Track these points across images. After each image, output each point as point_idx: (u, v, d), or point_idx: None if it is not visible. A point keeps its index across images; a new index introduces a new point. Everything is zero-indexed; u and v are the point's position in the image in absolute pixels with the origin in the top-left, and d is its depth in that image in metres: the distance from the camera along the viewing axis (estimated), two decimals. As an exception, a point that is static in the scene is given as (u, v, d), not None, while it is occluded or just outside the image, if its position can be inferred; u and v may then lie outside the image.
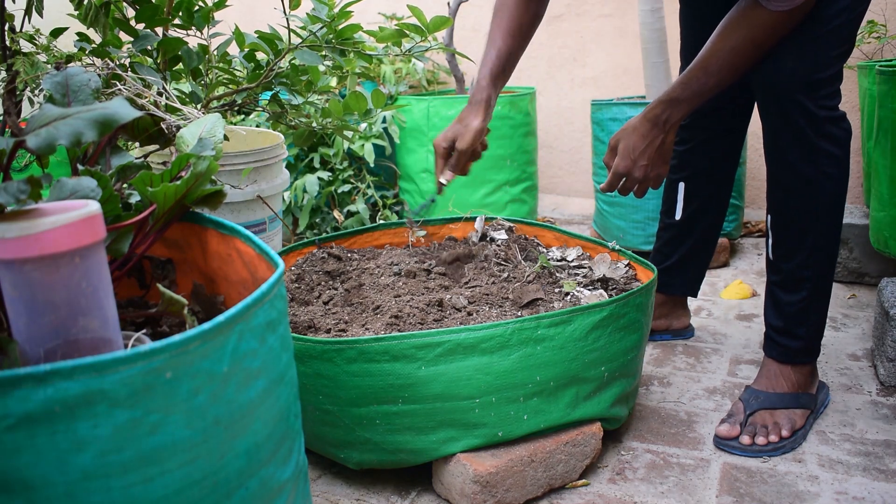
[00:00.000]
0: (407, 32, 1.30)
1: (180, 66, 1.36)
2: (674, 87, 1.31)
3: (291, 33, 1.31)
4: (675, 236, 1.65)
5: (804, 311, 1.33)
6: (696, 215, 1.61)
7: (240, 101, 1.45)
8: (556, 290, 1.33)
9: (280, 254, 1.47)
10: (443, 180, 1.40)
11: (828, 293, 1.34)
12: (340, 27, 1.30)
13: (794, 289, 1.33)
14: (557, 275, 1.39)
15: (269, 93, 1.49)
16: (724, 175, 1.60)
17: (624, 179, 1.39)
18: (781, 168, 1.27)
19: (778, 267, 1.34)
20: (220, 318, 0.56)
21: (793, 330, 1.34)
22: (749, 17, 1.20)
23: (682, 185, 1.59)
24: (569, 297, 1.30)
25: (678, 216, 1.62)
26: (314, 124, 1.49)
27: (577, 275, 1.40)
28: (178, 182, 0.75)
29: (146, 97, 1.08)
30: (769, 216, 1.33)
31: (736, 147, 1.59)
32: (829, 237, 1.30)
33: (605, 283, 1.37)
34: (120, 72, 1.13)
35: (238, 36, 1.37)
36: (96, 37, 1.32)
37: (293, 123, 1.50)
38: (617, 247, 1.46)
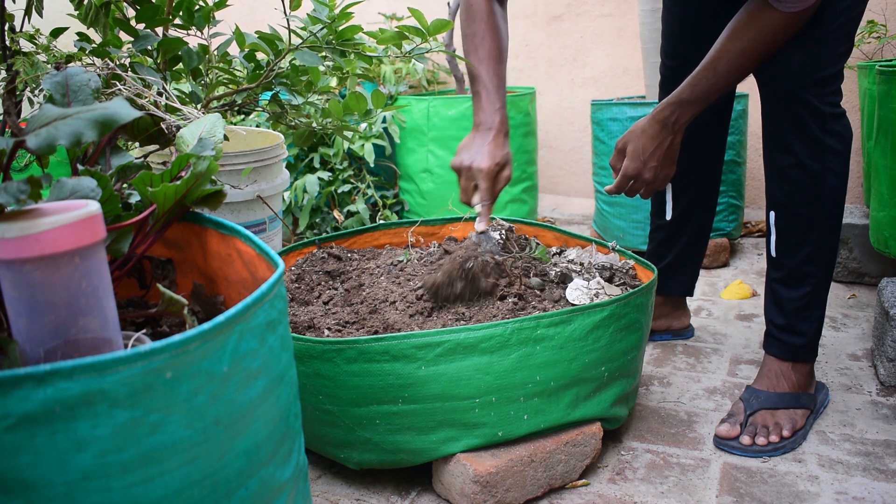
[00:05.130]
0: (407, 35, 1.30)
1: (180, 66, 1.36)
2: (682, 88, 1.32)
3: (292, 34, 1.31)
4: (668, 237, 1.65)
5: (807, 307, 1.33)
6: (686, 214, 1.62)
7: (240, 101, 1.45)
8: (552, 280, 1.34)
9: (280, 254, 1.47)
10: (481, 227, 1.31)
11: (827, 290, 1.35)
12: (341, 28, 1.30)
13: (798, 284, 1.33)
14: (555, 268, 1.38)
15: (269, 93, 1.49)
16: (711, 171, 1.60)
17: (633, 181, 1.40)
18: (787, 164, 1.28)
19: (780, 263, 1.34)
20: (220, 318, 0.56)
21: (795, 326, 1.35)
22: (759, 19, 1.20)
23: (669, 185, 1.60)
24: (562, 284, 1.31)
25: (668, 216, 1.63)
26: (314, 124, 1.49)
27: (579, 271, 1.40)
28: (178, 182, 0.75)
29: (146, 97, 1.08)
30: (771, 213, 1.34)
31: (720, 141, 1.59)
32: (832, 232, 1.31)
33: (607, 270, 1.37)
34: (120, 72, 1.13)
35: (238, 36, 1.36)
36: (96, 37, 1.32)
37: (293, 123, 1.50)
38: (617, 247, 1.46)
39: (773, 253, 1.35)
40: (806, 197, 1.29)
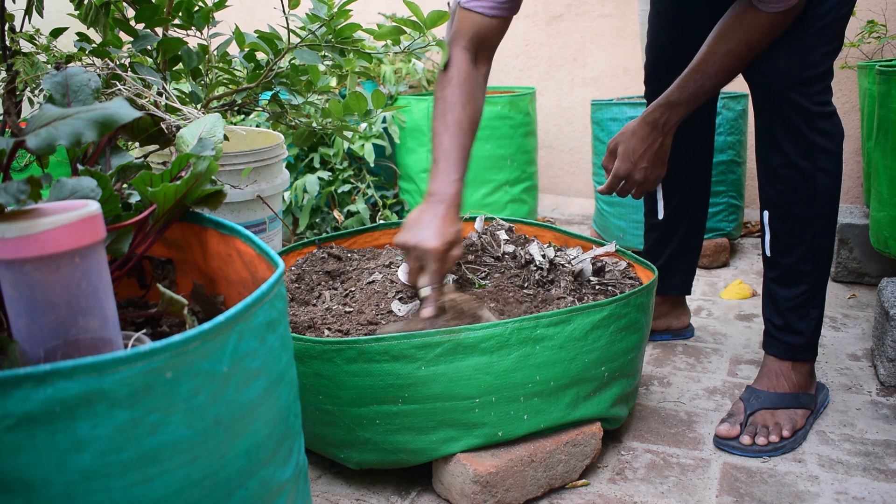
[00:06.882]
0: (405, 29, 1.29)
1: (180, 66, 1.36)
2: (671, 90, 1.34)
3: (291, 33, 1.31)
4: (662, 236, 1.66)
5: (804, 306, 1.34)
6: (677, 212, 1.62)
7: (240, 101, 1.45)
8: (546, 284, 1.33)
9: (280, 254, 1.47)
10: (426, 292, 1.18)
11: (825, 288, 1.35)
12: (339, 26, 1.30)
13: (794, 283, 1.34)
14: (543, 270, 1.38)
15: (269, 93, 1.49)
16: (700, 169, 1.61)
17: (623, 182, 1.42)
18: (778, 164, 1.29)
19: (776, 263, 1.35)
20: (220, 318, 0.56)
21: (793, 325, 1.35)
22: (744, 20, 1.22)
23: (660, 184, 1.60)
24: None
25: (660, 215, 1.63)
26: (314, 124, 1.49)
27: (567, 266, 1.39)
28: (178, 182, 0.75)
29: (146, 97, 1.08)
30: (765, 212, 1.35)
31: (708, 139, 1.60)
32: (827, 231, 1.32)
33: (598, 272, 1.37)
34: (120, 72, 1.13)
35: (238, 36, 1.36)
36: (96, 37, 1.32)
37: (293, 123, 1.50)
38: (617, 247, 1.46)
39: (769, 252, 1.36)
40: (798, 196, 1.29)
